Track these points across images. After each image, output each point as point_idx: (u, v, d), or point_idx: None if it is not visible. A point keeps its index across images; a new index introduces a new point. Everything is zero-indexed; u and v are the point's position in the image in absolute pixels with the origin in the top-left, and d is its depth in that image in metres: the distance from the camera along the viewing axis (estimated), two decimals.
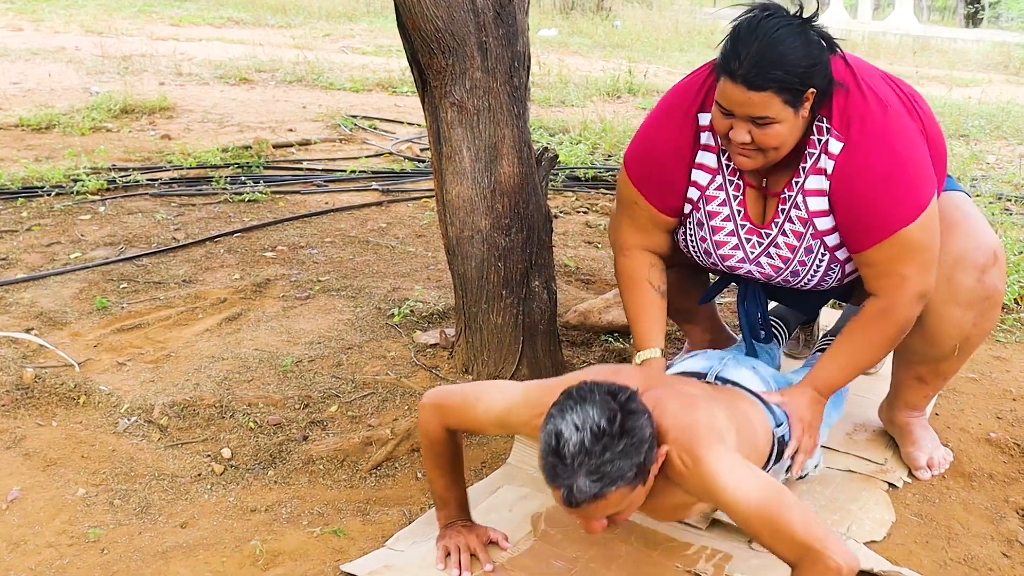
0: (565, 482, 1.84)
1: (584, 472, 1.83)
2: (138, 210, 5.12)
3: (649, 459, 1.91)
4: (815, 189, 2.38)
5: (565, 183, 6.06)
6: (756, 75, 2.15)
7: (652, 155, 2.55)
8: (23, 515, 2.49)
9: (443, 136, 2.98)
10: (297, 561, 2.34)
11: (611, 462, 1.83)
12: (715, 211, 2.53)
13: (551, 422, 1.88)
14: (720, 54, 2.24)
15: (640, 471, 1.89)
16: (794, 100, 2.20)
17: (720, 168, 2.49)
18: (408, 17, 2.80)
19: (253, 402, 3.09)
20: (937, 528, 2.57)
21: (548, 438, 1.87)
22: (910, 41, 18.05)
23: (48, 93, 8.29)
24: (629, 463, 1.85)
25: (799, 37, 2.18)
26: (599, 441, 1.83)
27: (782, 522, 1.91)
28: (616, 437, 1.84)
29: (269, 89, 9.35)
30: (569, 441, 1.83)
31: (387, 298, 3.97)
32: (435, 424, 2.29)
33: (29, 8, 14.67)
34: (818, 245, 2.45)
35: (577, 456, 1.83)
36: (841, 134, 2.30)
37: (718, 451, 1.99)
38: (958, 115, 8.98)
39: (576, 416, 1.86)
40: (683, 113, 2.48)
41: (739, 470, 1.98)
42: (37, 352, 3.35)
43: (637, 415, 1.90)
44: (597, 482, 1.83)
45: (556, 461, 1.85)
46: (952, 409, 3.20)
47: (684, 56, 13.92)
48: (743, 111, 2.22)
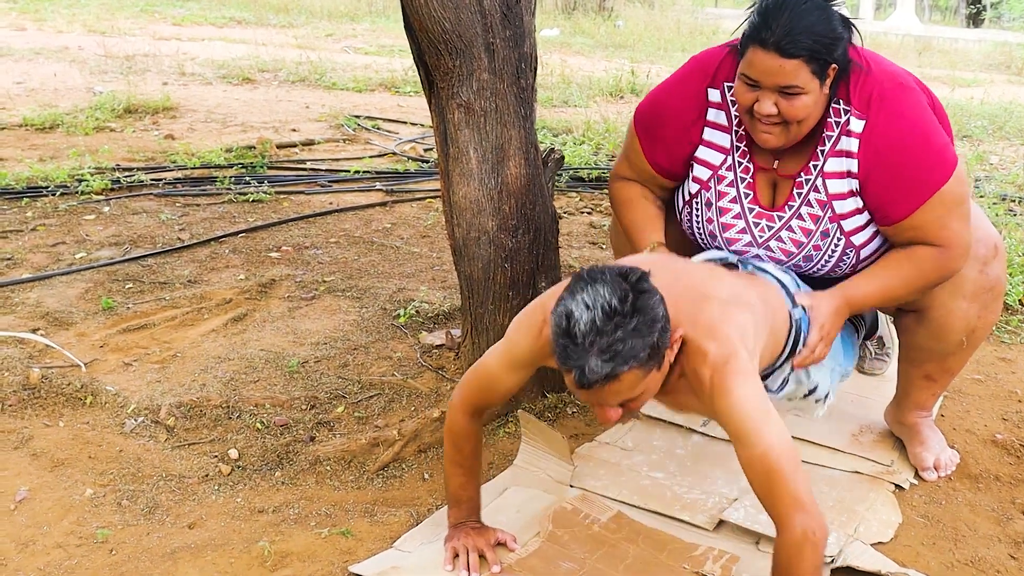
0: (577, 363, 1.81)
1: (596, 351, 1.80)
2: (142, 210, 5.12)
3: (663, 341, 1.88)
4: (837, 171, 2.42)
5: (569, 184, 6.07)
6: (788, 42, 2.21)
7: (657, 113, 2.62)
8: (31, 515, 2.50)
9: (450, 137, 2.98)
10: (305, 562, 2.34)
11: (623, 340, 1.80)
12: (724, 191, 2.56)
13: (562, 304, 1.85)
14: (747, 26, 2.30)
15: (654, 352, 1.86)
16: (821, 71, 2.27)
17: (731, 148, 2.52)
18: (415, 18, 2.80)
19: (260, 403, 3.09)
20: (944, 530, 2.57)
21: (558, 319, 1.84)
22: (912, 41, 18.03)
23: (52, 93, 8.29)
24: (642, 342, 1.82)
25: (824, 11, 2.26)
26: (611, 320, 1.80)
27: (781, 477, 1.92)
28: (628, 315, 1.81)
29: (272, 89, 9.35)
30: (580, 320, 1.80)
31: (392, 299, 3.97)
32: (461, 413, 2.30)
33: (32, 8, 14.65)
34: (835, 229, 2.48)
35: (588, 335, 1.79)
36: (862, 112, 2.37)
37: (747, 384, 1.98)
38: (961, 116, 8.97)
39: (587, 296, 1.82)
40: (696, 85, 2.55)
41: (761, 412, 1.97)
42: (43, 352, 3.35)
43: (649, 294, 1.86)
44: (609, 361, 1.80)
45: (567, 342, 1.82)
46: (958, 411, 3.21)
47: (686, 56, 13.82)
48: (772, 80, 2.26)
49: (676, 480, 2.73)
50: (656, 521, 2.54)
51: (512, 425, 3.01)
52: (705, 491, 2.67)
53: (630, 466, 2.80)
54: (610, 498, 2.64)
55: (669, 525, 2.53)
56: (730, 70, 2.47)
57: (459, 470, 2.35)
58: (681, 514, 2.56)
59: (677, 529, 2.51)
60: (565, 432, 2.93)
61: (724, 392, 1.98)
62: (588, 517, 2.53)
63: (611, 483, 2.70)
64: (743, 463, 2.00)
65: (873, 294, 2.48)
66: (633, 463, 2.82)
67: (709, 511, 2.57)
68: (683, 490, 2.68)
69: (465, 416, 2.30)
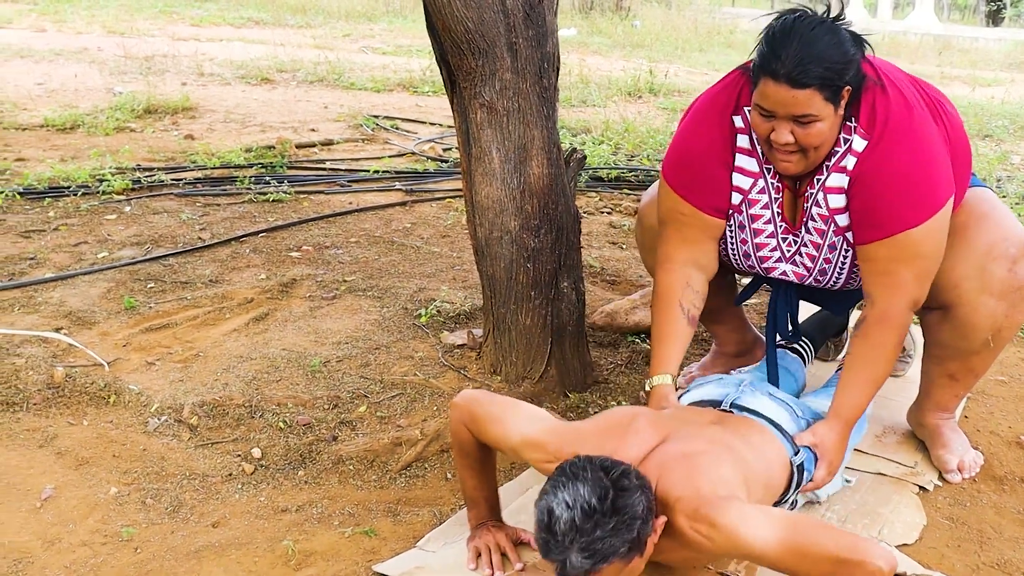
0: (558, 557, 1.85)
1: (576, 549, 1.83)
2: (163, 210, 5.14)
3: (644, 532, 1.90)
4: (835, 186, 2.41)
5: (588, 184, 6.06)
6: (799, 73, 2.18)
7: (690, 159, 2.56)
8: (57, 513, 2.51)
9: (472, 137, 2.98)
10: (329, 561, 2.34)
11: (602, 539, 1.83)
12: (758, 214, 2.54)
13: (544, 499, 1.89)
14: (757, 56, 2.27)
15: (634, 546, 1.88)
16: (834, 97, 2.24)
17: (762, 172, 2.50)
18: (438, 18, 2.80)
19: (282, 402, 3.10)
20: (969, 532, 2.56)
21: (541, 515, 1.88)
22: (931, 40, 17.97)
23: (72, 94, 8.33)
24: (621, 540, 1.85)
25: (833, 35, 2.23)
26: (590, 519, 1.83)
27: (811, 548, 1.90)
28: (607, 515, 1.84)
29: (290, 89, 9.37)
30: (560, 519, 1.84)
31: (413, 298, 3.98)
32: (462, 428, 2.30)
33: (51, 9, 14.75)
34: (841, 241, 2.47)
35: (568, 533, 1.83)
36: (867, 132, 2.34)
37: (726, 508, 1.95)
38: (981, 115, 8.93)
39: (567, 494, 1.86)
40: (718, 115, 2.50)
41: (752, 517, 1.94)
42: (67, 351, 3.37)
43: (629, 492, 1.88)
44: (589, 558, 1.83)
45: (548, 537, 1.86)
46: (981, 412, 3.19)
47: (704, 56, 13.90)
48: (786, 110, 2.24)
49: None
50: None
51: None
52: None
53: None
54: None
55: None
56: (750, 95, 2.41)
57: (470, 472, 2.35)
58: None
59: None
60: None
61: (709, 526, 1.93)
62: None
63: None
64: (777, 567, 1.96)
65: (861, 395, 2.46)
66: None
67: None
68: None
69: (466, 431, 2.30)
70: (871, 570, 1.86)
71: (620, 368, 3.45)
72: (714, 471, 2.07)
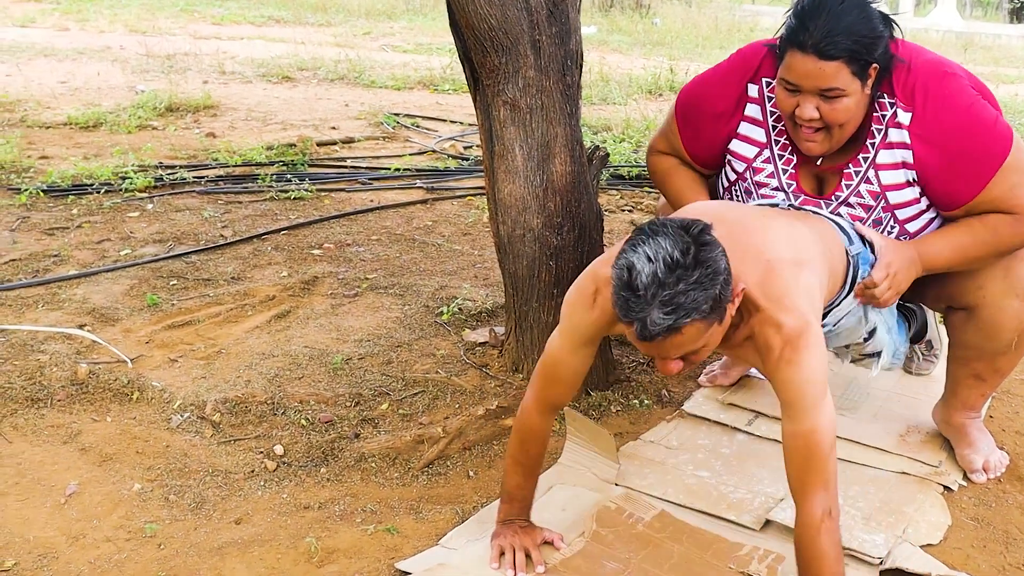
0: (639, 315, 1.80)
1: (658, 303, 1.78)
2: (185, 207, 5.16)
3: (725, 294, 1.86)
4: (890, 163, 2.42)
5: (609, 181, 6.05)
6: (827, 44, 2.19)
7: (698, 102, 2.64)
8: (81, 509, 2.53)
9: (495, 135, 2.98)
10: (352, 559, 2.35)
11: (685, 293, 1.78)
12: (763, 182, 2.58)
13: (623, 256, 1.84)
14: (785, 29, 2.29)
15: (716, 305, 1.84)
16: (861, 72, 2.25)
17: (769, 142, 2.53)
18: (462, 16, 2.80)
19: (304, 399, 3.11)
20: (994, 532, 2.54)
21: (620, 272, 1.83)
22: (953, 38, 17.84)
23: (95, 92, 8.37)
24: (704, 295, 1.80)
25: (862, 11, 2.25)
26: (673, 272, 1.78)
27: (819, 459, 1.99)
28: (690, 268, 1.79)
29: (311, 87, 9.39)
30: (642, 272, 1.78)
31: (435, 296, 3.98)
32: (536, 416, 2.30)
33: (74, 8, 14.82)
34: (888, 217, 2.49)
35: (650, 287, 1.78)
36: (907, 104, 2.35)
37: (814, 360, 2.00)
38: (1005, 113, 8.85)
39: (648, 248, 1.81)
40: (737, 79, 2.56)
41: (820, 393, 2.00)
42: (90, 348, 3.39)
43: (711, 247, 1.84)
44: (671, 314, 1.78)
45: (629, 294, 1.80)
46: (1007, 411, 3.16)
47: (724, 54, 13.66)
48: (812, 83, 2.25)
49: (722, 479, 2.72)
50: (701, 520, 2.53)
51: (558, 423, 3.00)
52: (751, 490, 2.65)
53: (675, 465, 2.78)
54: (655, 497, 2.62)
55: (714, 524, 2.51)
56: (771, 67, 2.46)
57: (520, 469, 2.35)
58: (727, 513, 2.54)
59: (722, 528, 2.50)
60: (609, 431, 2.91)
61: (792, 365, 2.00)
62: (632, 516, 2.52)
63: (656, 482, 2.69)
64: (786, 434, 2.03)
65: (946, 253, 2.45)
66: (678, 462, 2.80)
67: (755, 511, 2.55)
68: (729, 489, 2.66)
69: (539, 415, 2.30)
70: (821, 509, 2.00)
71: (642, 366, 3.44)
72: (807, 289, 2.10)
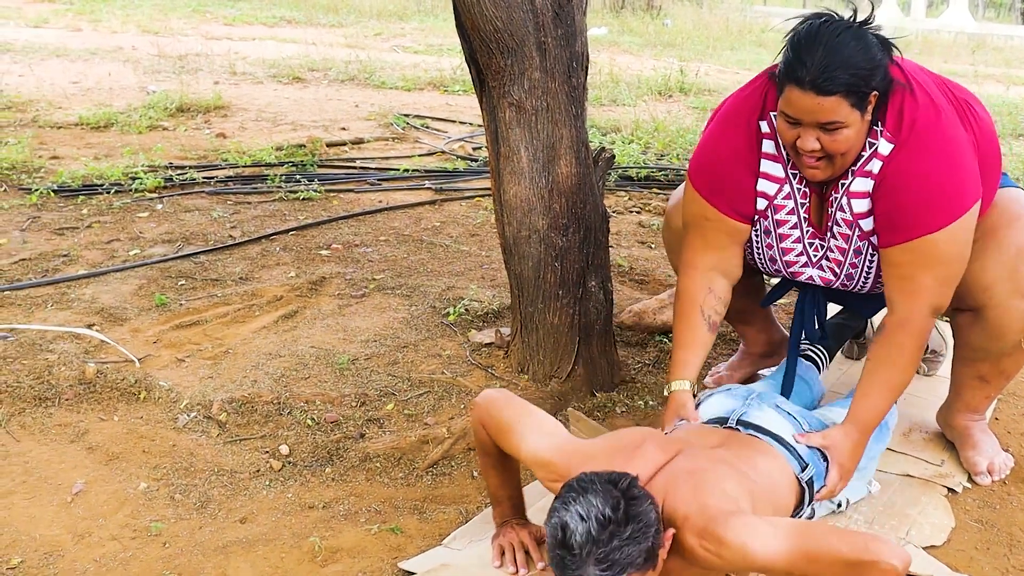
0: (575, 573, 1.80)
1: (593, 561, 1.79)
2: (195, 208, 5.18)
3: (657, 543, 1.87)
4: (860, 191, 2.38)
5: (618, 183, 6.05)
6: (824, 80, 2.15)
7: (717, 164, 2.55)
8: (87, 508, 2.54)
9: (501, 136, 2.99)
10: (355, 558, 2.36)
11: (619, 549, 1.79)
12: (784, 219, 2.52)
13: (555, 515, 1.85)
14: (782, 63, 2.25)
15: (649, 556, 1.85)
16: (860, 103, 2.21)
17: (787, 177, 2.48)
18: (467, 17, 2.81)
19: (310, 399, 3.12)
20: (998, 535, 2.54)
21: (554, 531, 1.84)
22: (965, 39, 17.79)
23: (106, 92, 8.41)
24: (638, 548, 1.82)
25: (859, 40, 2.20)
26: (605, 529, 1.80)
27: (821, 552, 1.88)
28: (622, 524, 1.81)
29: (322, 88, 9.41)
30: (576, 532, 1.80)
31: (442, 297, 3.99)
32: (482, 431, 2.30)
33: (87, 9, 14.89)
34: (866, 247, 2.45)
35: (585, 546, 1.79)
36: (893, 136, 2.31)
37: (733, 522, 1.93)
38: (1016, 114, 8.83)
39: (580, 507, 1.82)
40: (745, 121, 2.48)
41: (760, 530, 1.92)
42: (99, 348, 3.41)
43: (640, 500, 1.87)
44: (607, 570, 1.79)
45: (564, 553, 1.81)
46: (1012, 414, 3.16)
47: (735, 55, 13.83)
48: (812, 118, 2.21)
49: None
50: None
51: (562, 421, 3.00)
52: None
53: None
54: None
55: None
56: (775, 99, 2.39)
57: (493, 471, 2.35)
58: None
59: None
60: None
61: (718, 542, 1.91)
62: None
63: None
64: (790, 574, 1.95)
65: (879, 402, 2.41)
66: None
67: None
68: None
69: (483, 430, 2.29)
70: (884, 569, 1.84)
71: (647, 367, 3.44)
72: (719, 487, 2.05)
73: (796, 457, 2.33)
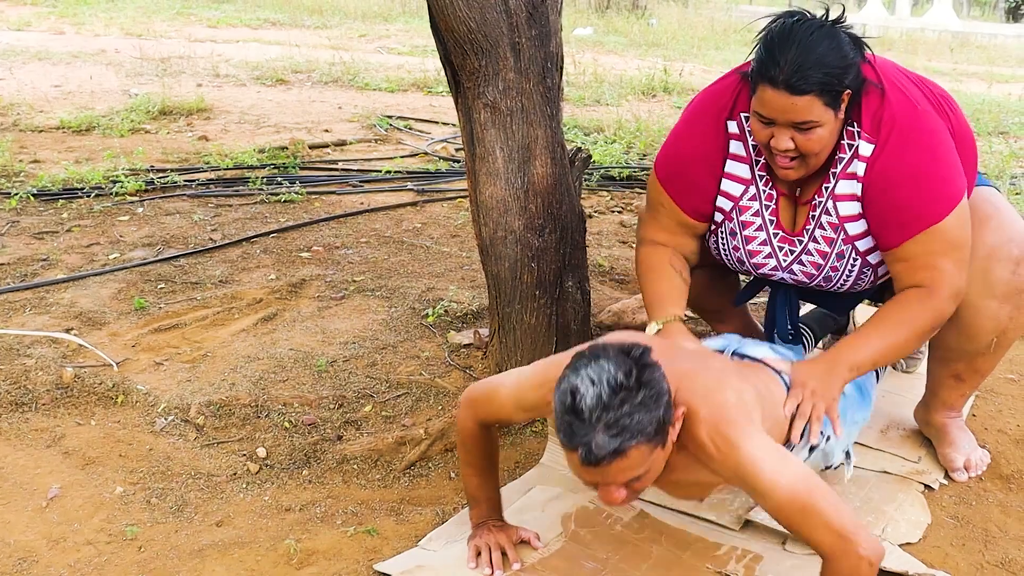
0: (583, 439, 1.77)
1: (603, 427, 1.76)
2: (176, 211, 5.17)
3: (668, 416, 1.85)
4: (846, 194, 2.38)
5: (600, 183, 6.06)
6: (798, 79, 2.16)
7: (680, 159, 2.56)
8: (62, 513, 2.53)
9: (476, 137, 2.99)
10: (331, 560, 2.36)
11: (630, 415, 1.76)
12: (749, 221, 2.53)
13: (565, 380, 1.82)
14: (755, 62, 2.25)
15: (659, 428, 1.83)
16: (833, 102, 2.22)
17: (753, 179, 2.49)
18: (441, 18, 2.81)
19: (288, 402, 3.11)
20: (974, 531, 2.55)
21: (563, 396, 1.81)
22: (949, 37, 17.86)
23: (88, 95, 8.38)
24: (649, 416, 1.79)
25: (832, 39, 2.20)
26: (617, 394, 1.77)
27: (816, 510, 1.88)
28: (634, 390, 1.78)
29: (305, 90, 9.40)
30: (586, 396, 1.77)
31: (422, 298, 3.99)
32: (469, 420, 2.29)
33: (70, 11, 14.84)
34: (850, 250, 2.45)
35: (595, 410, 1.76)
36: (872, 136, 2.31)
37: (752, 435, 1.94)
38: (998, 112, 8.87)
39: (591, 371, 1.79)
40: (712, 120, 2.49)
41: (774, 456, 1.93)
42: (76, 352, 3.40)
43: (653, 368, 1.83)
44: (616, 436, 1.76)
45: (572, 418, 1.78)
46: (989, 410, 3.17)
47: (720, 54, 13.85)
48: (785, 117, 2.22)
49: None
50: (680, 521, 2.54)
51: (539, 424, 3.01)
52: (731, 491, 2.65)
53: None
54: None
55: (693, 525, 2.52)
56: (747, 101, 2.39)
57: (472, 471, 2.35)
58: (706, 514, 2.55)
59: (702, 529, 2.51)
60: None
61: (730, 446, 1.92)
62: (611, 517, 2.53)
63: None
64: (774, 515, 1.96)
65: (865, 351, 2.39)
66: None
67: (735, 511, 2.56)
68: None
69: (472, 422, 2.29)
70: (858, 553, 1.85)
71: None
72: (732, 388, 2.04)
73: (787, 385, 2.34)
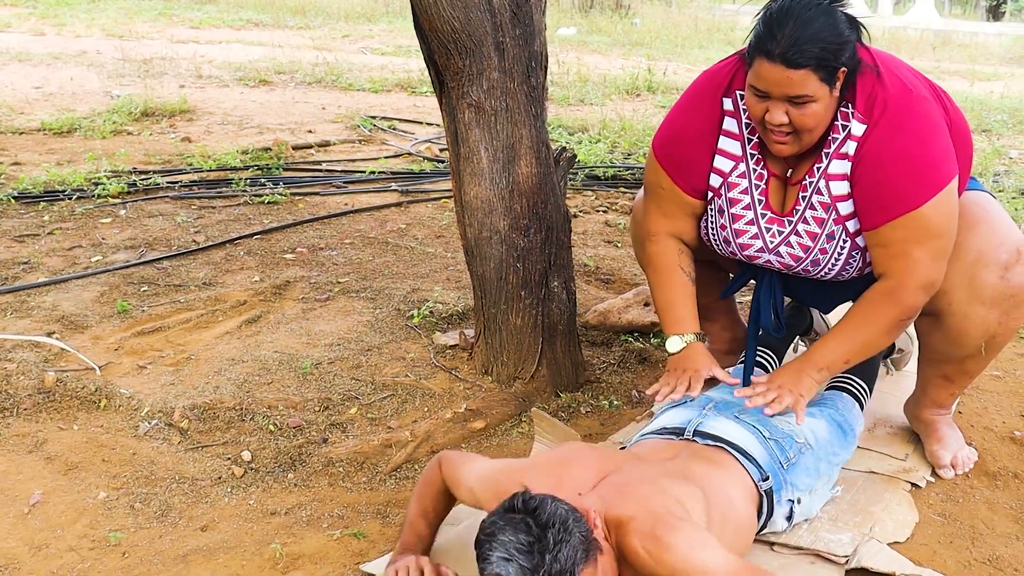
0: None
1: None
2: (159, 213, 5.14)
3: (584, 529, 1.82)
4: (838, 173, 2.39)
5: (585, 182, 6.05)
6: (794, 53, 2.18)
7: (678, 137, 2.59)
8: (45, 519, 2.50)
9: (460, 137, 2.98)
10: (317, 564, 2.34)
11: (555, 559, 1.75)
12: (737, 198, 2.54)
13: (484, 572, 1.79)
14: (753, 36, 2.27)
15: (587, 545, 1.81)
16: (829, 78, 2.23)
17: (744, 156, 2.50)
18: (424, 18, 2.80)
19: (273, 404, 3.09)
20: (961, 528, 2.55)
21: None
22: (931, 35, 17.92)
23: (70, 97, 8.34)
24: (570, 546, 1.77)
25: (829, 16, 2.23)
26: (532, 554, 1.75)
27: None
28: (541, 538, 1.76)
29: (288, 91, 9.37)
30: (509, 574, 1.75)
31: (407, 299, 3.97)
32: (437, 476, 2.26)
33: (51, 13, 14.77)
34: (840, 231, 2.45)
35: None
36: (865, 117, 2.33)
37: (681, 530, 1.90)
38: (980, 109, 8.91)
39: (498, 551, 1.77)
40: (710, 98, 2.52)
41: (707, 546, 1.90)
42: (59, 356, 3.37)
43: (541, 505, 1.81)
44: None
45: None
46: (976, 407, 3.17)
47: (704, 53, 13.87)
48: (781, 91, 2.24)
49: None
50: None
51: (525, 425, 3.00)
52: None
53: None
54: None
55: None
56: (743, 79, 2.42)
57: (418, 511, 2.29)
58: None
59: None
60: (579, 432, 2.91)
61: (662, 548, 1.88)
62: None
63: None
64: None
65: (836, 353, 2.44)
66: None
67: None
68: None
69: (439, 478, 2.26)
70: None
71: (612, 367, 3.44)
72: (669, 494, 2.02)
73: (756, 467, 2.32)
